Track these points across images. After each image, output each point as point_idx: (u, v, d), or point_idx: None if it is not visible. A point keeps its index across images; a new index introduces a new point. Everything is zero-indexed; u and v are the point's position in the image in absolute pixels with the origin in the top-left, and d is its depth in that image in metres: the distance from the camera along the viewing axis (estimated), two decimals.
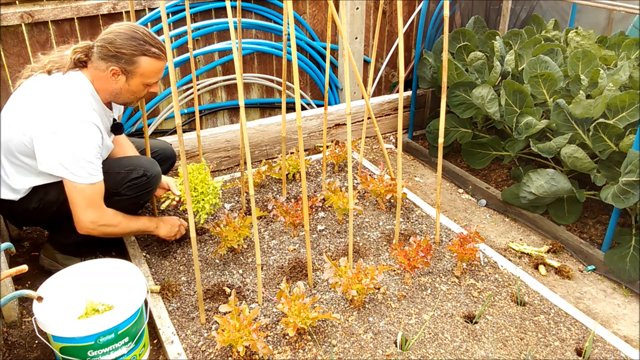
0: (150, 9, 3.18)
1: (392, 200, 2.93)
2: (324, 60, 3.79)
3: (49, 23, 2.92)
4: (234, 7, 3.37)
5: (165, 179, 2.53)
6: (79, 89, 2.08)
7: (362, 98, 3.79)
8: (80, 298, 2.00)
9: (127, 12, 3.06)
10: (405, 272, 2.33)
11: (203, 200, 2.39)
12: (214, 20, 3.38)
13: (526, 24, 3.54)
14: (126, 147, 2.49)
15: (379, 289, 2.29)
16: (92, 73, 2.12)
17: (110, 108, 2.28)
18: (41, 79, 2.10)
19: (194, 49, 3.34)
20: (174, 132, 3.50)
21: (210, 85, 3.53)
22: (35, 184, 2.14)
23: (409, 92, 3.83)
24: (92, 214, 2.09)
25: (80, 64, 2.12)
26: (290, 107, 3.85)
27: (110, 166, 2.24)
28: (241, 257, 2.51)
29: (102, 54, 2.07)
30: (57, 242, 2.40)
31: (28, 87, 2.11)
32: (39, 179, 2.13)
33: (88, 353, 1.79)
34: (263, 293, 2.24)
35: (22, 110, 2.06)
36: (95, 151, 2.05)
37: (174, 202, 2.59)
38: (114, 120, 2.32)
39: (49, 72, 2.11)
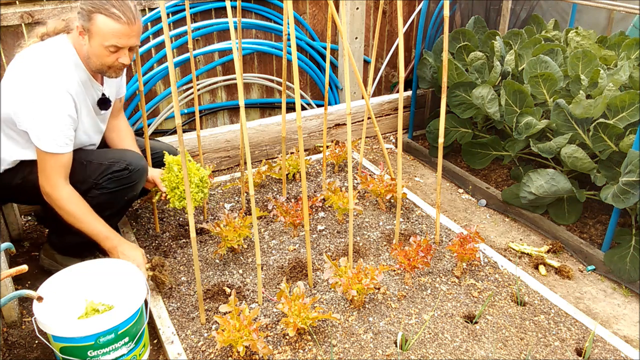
0: (150, 9, 3.18)
1: (392, 200, 2.93)
2: (324, 60, 3.79)
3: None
4: (234, 7, 3.37)
5: (150, 173, 2.42)
6: (60, 55, 2.09)
7: (362, 98, 3.79)
8: (80, 298, 2.00)
9: None
10: (405, 272, 2.33)
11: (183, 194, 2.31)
12: (214, 20, 3.38)
13: (526, 24, 3.54)
14: (124, 133, 2.44)
15: (379, 289, 2.29)
16: (73, 37, 2.13)
17: (101, 82, 2.25)
18: (30, 49, 2.12)
19: (194, 49, 3.34)
20: (174, 132, 3.50)
21: (210, 85, 3.53)
22: (20, 157, 2.15)
23: (409, 92, 3.83)
24: (46, 186, 2.08)
25: (71, 24, 2.13)
26: (290, 107, 3.85)
27: (95, 157, 2.22)
28: (241, 257, 2.51)
29: (77, 13, 2.07)
30: (56, 242, 2.40)
31: (17, 58, 2.13)
32: (24, 152, 2.15)
33: (88, 353, 1.79)
34: (263, 293, 2.24)
35: (7, 80, 2.09)
36: (63, 119, 2.04)
37: (163, 197, 2.48)
38: (103, 94, 2.27)
39: (42, 38, 2.15)
